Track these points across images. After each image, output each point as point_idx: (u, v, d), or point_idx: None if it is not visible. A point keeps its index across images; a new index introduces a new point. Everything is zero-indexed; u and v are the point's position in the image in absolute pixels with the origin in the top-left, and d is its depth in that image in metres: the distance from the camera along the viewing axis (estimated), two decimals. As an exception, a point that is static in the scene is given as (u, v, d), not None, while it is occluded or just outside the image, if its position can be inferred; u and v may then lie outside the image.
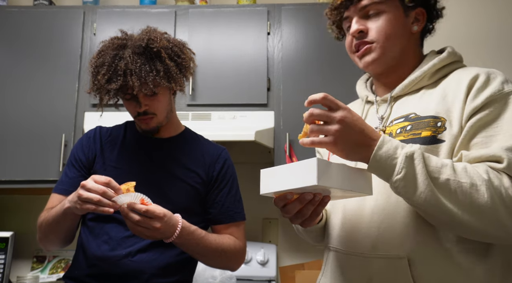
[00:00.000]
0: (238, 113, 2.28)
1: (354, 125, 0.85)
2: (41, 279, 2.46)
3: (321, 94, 0.86)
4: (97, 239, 1.30)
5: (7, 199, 2.65)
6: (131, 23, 2.39)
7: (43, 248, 1.36)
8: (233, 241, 1.36)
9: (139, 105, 1.31)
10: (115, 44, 1.30)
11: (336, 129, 0.84)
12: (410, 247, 0.92)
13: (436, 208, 0.83)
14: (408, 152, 0.84)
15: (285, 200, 0.91)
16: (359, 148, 0.86)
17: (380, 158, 0.85)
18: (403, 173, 0.83)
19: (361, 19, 1.07)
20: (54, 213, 1.25)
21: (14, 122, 2.34)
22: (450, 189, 0.83)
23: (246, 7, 2.47)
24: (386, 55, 1.05)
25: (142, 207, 1.12)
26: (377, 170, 0.86)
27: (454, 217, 0.83)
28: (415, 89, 1.05)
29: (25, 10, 2.49)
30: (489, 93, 0.92)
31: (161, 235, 1.17)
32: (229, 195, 1.41)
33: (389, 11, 1.04)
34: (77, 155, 1.40)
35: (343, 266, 1.04)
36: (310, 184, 0.82)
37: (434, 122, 0.95)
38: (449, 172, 0.84)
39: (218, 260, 1.35)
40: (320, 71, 2.32)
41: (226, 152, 1.47)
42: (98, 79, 1.27)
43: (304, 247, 2.49)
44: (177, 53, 1.33)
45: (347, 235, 1.04)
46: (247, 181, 2.51)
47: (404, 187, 0.84)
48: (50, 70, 2.39)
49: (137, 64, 1.24)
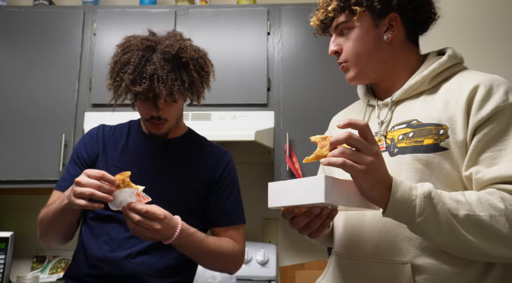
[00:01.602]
0: (238, 113, 2.28)
1: (383, 162, 0.85)
2: (41, 279, 2.46)
3: (363, 122, 0.84)
4: (98, 239, 1.30)
5: (7, 199, 2.65)
6: (131, 23, 2.40)
7: (44, 244, 1.37)
8: (232, 244, 1.36)
9: (156, 110, 1.30)
10: (144, 44, 1.28)
11: (371, 160, 0.82)
12: (414, 252, 0.92)
13: (460, 244, 0.84)
14: (425, 192, 0.84)
15: (292, 214, 0.91)
16: (381, 186, 0.84)
17: (398, 202, 0.84)
18: (424, 216, 0.83)
19: (337, 38, 1.10)
20: (53, 209, 1.25)
21: (14, 121, 2.34)
22: (471, 224, 0.84)
23: (246, 7, 2.47)
24: (363, 71, 1.07)
25: (142, 207, 1.12)
26: (396, 214, 0.85)
27: (478, 249, 0.84)
28: (415, 94, 1.04)
29: (25, 10, 2.49)
30: (494, 105, 0.91)
31: (161, 236, 1.17)
32: (230, 198, 1.41)
33: (358, 26, 1.05)
34: (79, 152, 1.39)
35: (344, 270, 1.04)
36: (317, 202, 0.83)
37: (436, 129, 0.94)
38: (466, 207, 0.84)
39: (217, 263, 1.35)
40: (320, 71, 2.32)
41: (229, 154, 1.47)
42: (122, 77, 1.26)
43: (304, 247, 2.49)
44: (201, 65, 1.34)
45: (348, 239, 1.04)
46: (247, 181, 2.52)
47: (426, 229, 0.84)
48: (50, 70, 2.39)
49: (164, 70, 1.23)
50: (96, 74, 2.35)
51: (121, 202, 1.13)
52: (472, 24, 2.68)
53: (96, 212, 1.32)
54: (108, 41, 2.40)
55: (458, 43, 1.09)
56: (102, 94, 2.32)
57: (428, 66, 1.04)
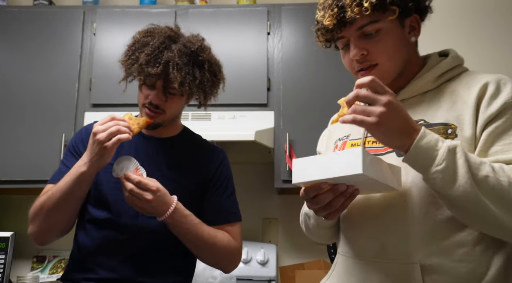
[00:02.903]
0: (238, 113, 2.28)
1: (399, 110, 0.86)
2: (41, 279, 2.46)
3: (369, 77, 0.86)
4: (94, 241, 1.30)
5: (7, 199, 2.65)
6: (131, 23, 2.39)
7: (39, 239, 1.31)
8: (228, 237, 1.35)
9: (159, 98, 1.29)
10: (167, 33, 1.31)
11: (382, 111, 0.84)
12: (423, 252, 0.92)
13: (473, 204, 0.84)
14: (451, 145, 0.85)
15: (318, 190, 0.91)
16: (400, 134, 0.86)
17: (421, 148, 0.85)
18: (444, 165, 0.83)
19: (359, 40, 1.00)
20: (64, 185, 1.22)
21: (14, 121, 2.34)
22: (489, 185, 0.83)
23: (246, 7, 2.47)
24: (391, 73, 1.03)
25: (135, 178, 1.17)
26: (416, 159, 0.86)
27: (490, 213, 0.83)
28: (419, 93, 1.04)
29: (25, 10, 2.49)
30: (502, 101, 0.92)
31: (153, 209, 1.19)
32: (224, 196, 1.40)
33: (386, 28, 0.99)
34: (77, 147, 1.38)
35: (351, 271, 1.03)
36: (355, 173, 0.83)
37: (444, 129, 0.95)
38: (488, 169, 0.85)
39: (209, 253, 1.33)
40: (320, 71, 2.32)
41: (223, 152, 1.47)
42: (138, 56, 1.27)
43: (304, 247, 2.49)
44: (215, 71, 1.36)
45: (354, 240, 1.04)
46: (247, 181, 2.52)
47: (442, 179, 0.84)
48: (50, 70, 2.39)
49: (181, 60, 1.25)
50: (96, 74, 2.35)
51: (122, 168, 1.21)
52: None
53: (93, 215, 1.31)
54: (108, 41, 2.40)
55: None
56: (102, 94, 2.33)
57: (432, 66, 1.04)
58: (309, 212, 1.12)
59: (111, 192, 1.30)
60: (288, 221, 2.54)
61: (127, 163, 1.22)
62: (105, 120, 1.19)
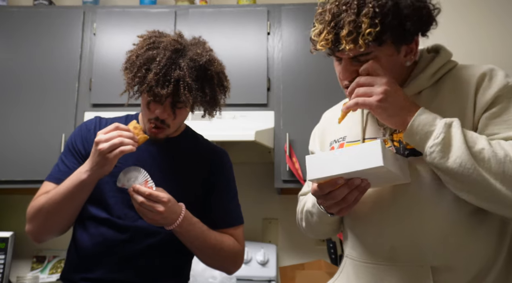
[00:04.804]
0: (238, 113, 2.28)
1: (398, 88, 0.92)
2: (41, 279, 2.46)
3: (367, 65, 0.93)
4: (92, 240, 1.29)
5: (7, 199, 2.65)
6: (131, 23, 2.40)
7: (37, 237, 1.30)
8: (233, 241, 1.35)
9: (167, 112, 1.26)
10: (173, 46, 1.24)
11: (383, 89, 0.89)
12: (433, 254, 0.92)
13: (469, 176, 0.85)
14: (448, 121, 0.89)
15: (333, 186, 0.92)
16: (402, 111, 0.91)
17: (419, 123, 0.89)
18: (440, 138, 0.87)
19: (350, 64, 0.99)
20: (64, 190, 1.21)
21: (14, 121, 2.34)
22: (485, 157, 0.85)
23: (246, 7, 2.47)
24: None
25: (145, 190, 1.15)
26: (416, 132, 0.90)
27: (486, 185, 0.85)
28: (414, 93, 1.04)
29: (25, 10, 2.49)
30: (496, 89, 0.95)
31: (163, 220, 1.18)
32: (227, 199, 1.40)
33: (379, 55, 0.96)
34: (76, 145, 1.36)
35: (359, 274, 1.03)
36: (375, 166, 0.85)
37: None
38: (484, 143, 0.87)
39: (216, 258, 1.33)
40: (320, 71, 2.32)
41: (226, 154, 1.46)
42: (146, 75, 1.21)
43: (304, 247, 2.49)
44: (222, 81, 1.33)
45: (362, 243, 1.04)
46: (247, 181, 2.52)
47: (440, 152, 0.87)
48: (50, 70, 2.39)
49: (191, 78, 1.21)
50: (96, 74, 2.35)
51: (129, 179, 1.19)
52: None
53: (92, 213, 1.30)
54: (108, 41, 2.40)
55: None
56: (102, 94, 2.33)
57: (425, 65, 1.04)
58: (312, 209, 1.12)
59: (111, 193, 1.30)
60: (288, 221, 2.54)
61: (136, 175, 1.19)
62: (109, 129, 1.16)
